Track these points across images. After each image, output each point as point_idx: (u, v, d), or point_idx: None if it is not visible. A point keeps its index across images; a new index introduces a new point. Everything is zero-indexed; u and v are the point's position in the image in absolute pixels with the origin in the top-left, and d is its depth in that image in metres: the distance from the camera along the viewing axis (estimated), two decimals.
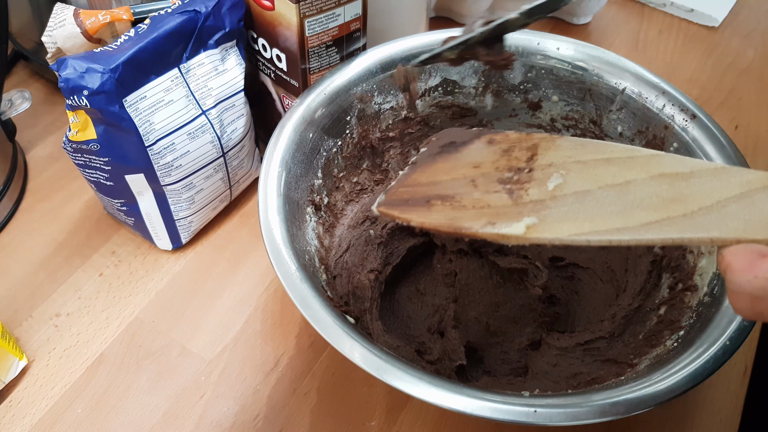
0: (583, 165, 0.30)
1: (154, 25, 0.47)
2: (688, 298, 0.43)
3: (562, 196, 0.30)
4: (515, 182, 0.31)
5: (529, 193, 0.31)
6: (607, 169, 0.30)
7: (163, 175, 0.49)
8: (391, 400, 0.47)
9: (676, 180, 0.28)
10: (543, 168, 0.31)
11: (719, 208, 0.27)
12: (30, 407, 0.46)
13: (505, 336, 0.47)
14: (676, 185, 0.28)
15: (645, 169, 0.29)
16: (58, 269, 0.54)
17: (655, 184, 0.28)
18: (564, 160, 0.31)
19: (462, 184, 0.33)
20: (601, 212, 0.29)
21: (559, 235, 0.29)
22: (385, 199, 0.35)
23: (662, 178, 0.29)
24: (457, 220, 0.31)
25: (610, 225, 0.28)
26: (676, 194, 0.28)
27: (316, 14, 0.48)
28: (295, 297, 0.38)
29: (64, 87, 0.43)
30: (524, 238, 0.30)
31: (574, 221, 0.29)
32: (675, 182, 0.28)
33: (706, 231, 0.27)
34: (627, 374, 0.39)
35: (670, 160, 0.29)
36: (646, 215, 0.28)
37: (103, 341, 0.50)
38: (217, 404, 0.47)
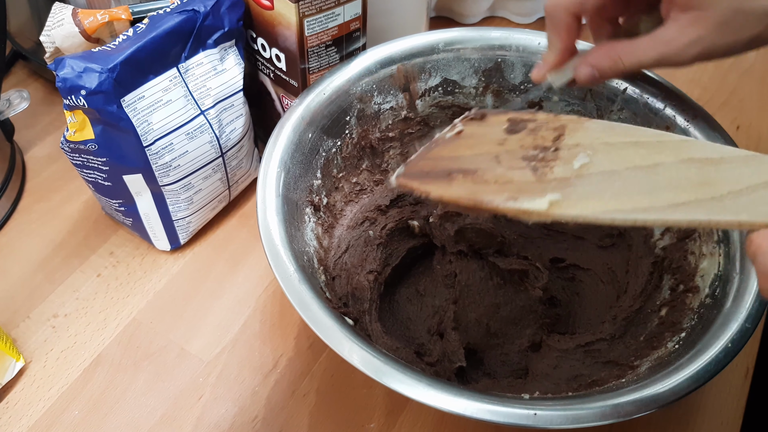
0: (610, 146, 0.30)
1: (153, 25, 0.47)
2: (690, 299, 0.42)
3: (588, 175, 0.29)
4: (540, 160, 0.31)
5: (553, 171, 0.30)
6: (635, 151, 0.29)
7: (162, 176, 0.49)
8: (391, 402, 0.47)
9: (705, 165, 0.28)
10: (569, 148, 0.31)
11: (748, 193, 0.27)
12: (27, 409, 0.46)
13: (506, 338, 0.46)
14: (705, 170, 0.28)
15: (674, 153, 0.29)
16: (56, 270, 0.54)
17: (684, 167, 0.28)
18: (591, 141, 0.30)
19: (485, 159, 0.32)
20: (628, 191, 0.28)
21: (583, 212, 0.28)
22: (404, 170, 0.34)
23: (691, 162, 0.28)
24: (479, 194, 0.30)
25: (637, 204, 0.28)
26: (705, 178, 0.28)
27: (315, 14, 0.48)
28: (294, 298, 0.38)
29: (62, 87, 0.43)
30: (546, 214, 0.29)
31: (599, 199, 0.29)
32: (704, 167, 0.28)
33: (735, 214, 0.26)
34: (628, 376, 0.38)
35: (701, 145, 0.29)
36: (673, 196, 0.28)
37: (101, 342, 0.50)
38: (216, 406, 0.47)
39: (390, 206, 0.53)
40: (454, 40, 0.54)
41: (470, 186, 0.31)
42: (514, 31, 0.54)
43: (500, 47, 0.53)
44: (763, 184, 0.27)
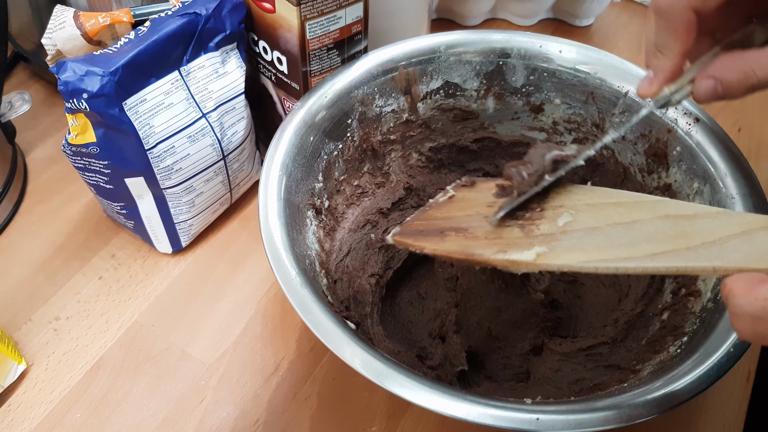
0: (592, 207, 0.32)
1: (155, 28, 0.47)
2: (692, 303, 0.42)
3: (572, 231, 0.32)
4: (527, 219, 0.33)
5: (540, 228, 0.32)
6: (614, 210, 0.31)
7: (163, 179, 0.49)
8: (392, 406, 0.47)
9: (680, 220, 0.30)
10: (554, 208, 0.32)
11: (721, 243, 0.29)
12: (29, 411, 0.46)
13: (507, 341, 0.46)
14: (680, 224, 0.30)
15: (651, 211, 0.31)
16: (58, 272, 0.54)
17: (660, 223, 0.30)
18: (574, 203, 0.32)
19: (476, 219, 0.34)
20: (609, 244, 0.31)
21: (569, 262, 0.31)
22: (400, 230, 0.37)
23: (667, 218, 0.30)
24: (470, 248, 0.33)
25: (617, 255, 0.30)
26: (680, 231, 0.30)
27: (317, 17, 0.48)
28: (296, 303, 0.38)
29: (64, 90, 0.43)
30: (534, 265, 0.31)
31: (582, 251, 0.31)
32: (679, 222, 0.30)
33: (709, 261, 0.29)
34: (630, 380, 0.38)
35: (675, 204, 0.31)
36: (651, 247, 0.30)
37: (103, 345, 0.50)
38: (217, 409, 0.47)
39: (391, 209, 0.53)
40: (455, 43, 0.54)
41: (462, 241, 0.34)
42: (516, 33, 0.54)
43: (502, 50, 0.53)
44: (735, 235, 0.29)
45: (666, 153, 0.48)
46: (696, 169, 0.46)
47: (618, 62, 0.51)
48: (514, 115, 0.55)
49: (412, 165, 0.56)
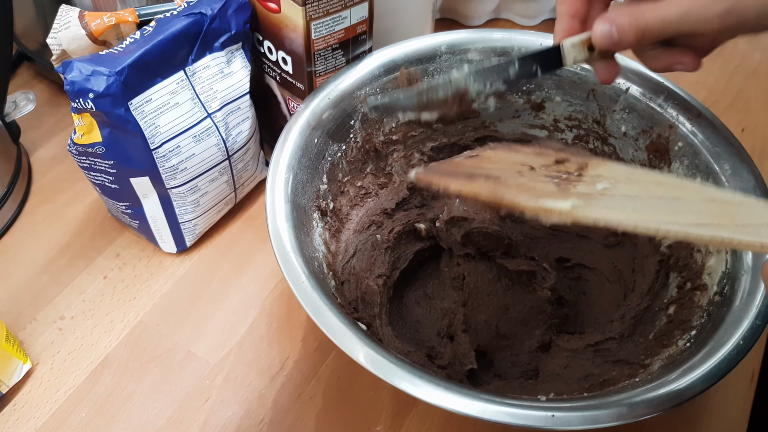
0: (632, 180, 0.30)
1: (160, 28, 0.47)
2: (698, 297, 0.42)
3: (611, 195, 0.30)
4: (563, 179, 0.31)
5: (576, 188, 0.30)
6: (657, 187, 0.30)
7: (168, 178, 0.49)
8: (397, 405, 0.47)
9: (726, 205, 0.29)
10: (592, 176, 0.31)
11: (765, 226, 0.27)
12: (34, 411, 0.46)
13: (515, 339, 0.46)
14: (726, 207, 0.29)
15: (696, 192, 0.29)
16: (62, 272, 0.54)
17: (706, 203, 0.29)
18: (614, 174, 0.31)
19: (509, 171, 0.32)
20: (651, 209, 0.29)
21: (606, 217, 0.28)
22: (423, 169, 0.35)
23: (713, 201, 0.29)
24: (500, 192, 0.31)
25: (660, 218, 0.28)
26: (726, 212, 0.28)
27: (322, 17, 0.48)
28: (308, 305, 0.38)
29: (70, 90, 0.43)
30: (568, 213, 0.29)
31: (621, 211, 0.29)
32: (725, 206, 0.29)
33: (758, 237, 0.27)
34: (641, 375, 0.39)
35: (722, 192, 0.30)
36: (696, 218, 0.28)
37: (108, 344, 0.50)
38: (222, 408, 0.47)
39: (396, 209, 0.53)
40: (456, 43, 0.54)
41: (491, 186, 0.31)
42: (516, 32, 0.54)
43: (502, 49, 0.54)
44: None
45: (668, 149, 0.49)
46: (698, 165, 0.46)
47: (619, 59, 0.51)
48: (515, 114, 0.56)
49: (415, 165, 0.56)
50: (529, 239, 0.53)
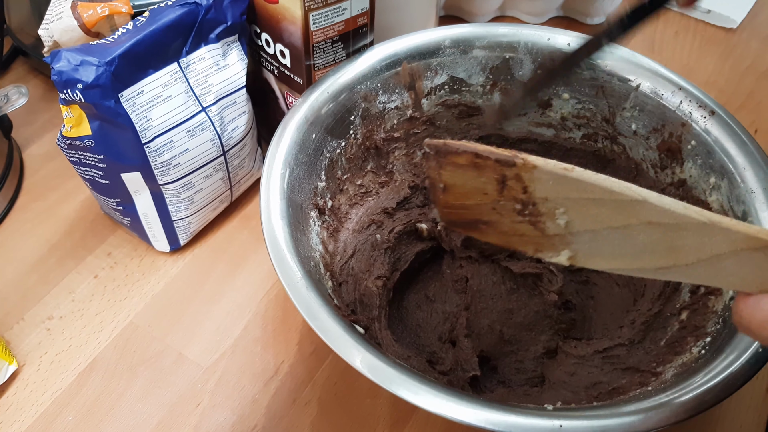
0: (575, 203, 0.31)
1: (153, 18, 0.45)
2: (712, 302, 0.41)
3: (577, 233, 0.32)
4: (529, 215, 0.33)
5: (547, 227, 0.32)
6: (599, 210, 0.30)
7: (161, 174, 0.48)
8: (396, 413, 0.45)
9: (667, 230, 0.29)
10: (543, 202, 0.32)
11: (716, 262, 0.28)
12: (19, 414, 0.45)
13: (520, 344, 0.45)
14: (669, 235, 0.29)
15: (634, 214, 0.29)
16: (52, 271, 0.53)
17: (650, 231, 0.29)
18: (555, 195, 0.32)
19: (488, 211, 0.34)
20: (618, 252, 0.31)
21: (596, 267, 0.32)
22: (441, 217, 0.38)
23: (653, 226, 0.29)
24: (511, 243, 0.34)
25: (631, 265, 0.31)
26: (672, 245, 0.29)
27: (321, 7, 0.47)
28: (301, 306, 0.36)
29: (57, 80, 0.42)
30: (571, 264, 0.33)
31: (602, 257, 0.31)
32: (667, 232, 0.29)
33: (711, 281, 0.29)
34: (653, 384, 0.37)
35: (652, 209, 0.29)
36: (656, 260, 0.30)
37: (97, 346, 0.48)
38: (214, 414, 0.45)
39: (397, 209, 0.52)
40: (460, 37, 0.52)
41: (499, 236, 0.35)
42: (523, 27, 0.53)
43: (508, 44, 0.52)
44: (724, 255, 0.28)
45: (680, 148, 0.47)
46: (712, 164, 0.45)
47: (628, 55, 0.50)
48: (521, 111, 0.54)
49: (417, 163, 0.55)
50: None
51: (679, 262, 0.29)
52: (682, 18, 0.80)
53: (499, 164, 0.32)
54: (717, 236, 0.28)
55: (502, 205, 0.33)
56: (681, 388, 0.33)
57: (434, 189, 0.37)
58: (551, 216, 0.32)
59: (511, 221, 0.33)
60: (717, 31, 0.78)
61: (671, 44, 0.76)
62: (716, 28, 0.79)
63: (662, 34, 0.78)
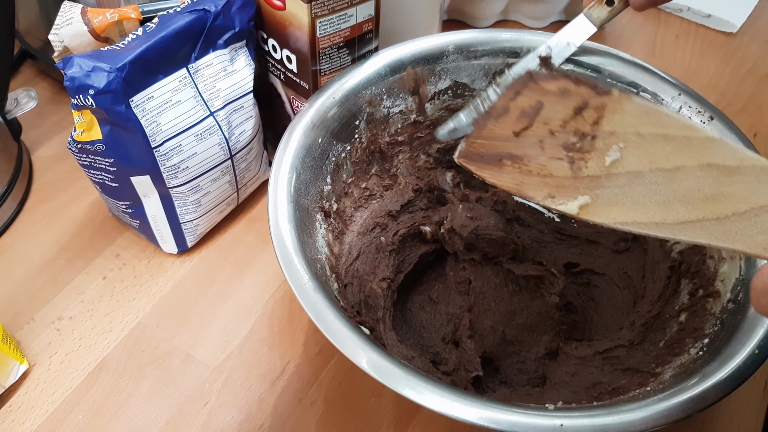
0: (642, 138, 0.32)
1: (163, 24, 0.46)
2: (710, 304, 0.41)
3: (616, 175, 0.32)
4: (578, 150, 0.33)
5: (588, 166, 0.33)
6: (662, 148, 0.31)
7: (170, 177, 0.48)
8: (400, 412, 0.46)
9: (721, 174, 0.29)
10: (605, 137, 0.33)
11: (751, 217, 0.28)
12: (30, 412, 0.45)
13: (522, 345, 0.46)
14: (719, 180, 0.29)
15: (697, 154, 0.30)
16: (61, 272, 0.54)
17: (702, 174, 0.30)
18: (625, 130, 0.32)
19: (531, 143, 0.35)
20: (646, 200, 0.31)
21: (606, 221, 0.32)
22: (465, 149, 0.37)
23: (710, 168, 0.30)
24: (524, 186, 0.34)
25: (651, 218, 0.31)
26: (717, 191, 0.29)
27: (328, 14, 0.47)
28: (309, 308, 0.37)
29: (70, 86, 0.43)
30: (575, 217, 0.32)
31: (621, 207, 0.31)
32: (720, 176, 0.29)
33: (732, 242, 0.28)
34: (651, 384, 0.38)
35: (723, 148, 0.30)
36: (684, 212, 0.30)
37: (106, 346, 0.49)
38: (221, 413, 0.46)
39: (401, 212, 0.52)
40: (464, 42, 0.53)
41: (517, 176, 0.35)
42: (525, 32, 0.54)
43: (511, 49, 0.53)
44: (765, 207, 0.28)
45: None
46: None
47: (629, 60, 0.51)
48: None
49: (420, 167, 0.55)
50: (537, 244, 0.52)
51: (710, 216, 0.29)
52: (682, 22, 0.81)
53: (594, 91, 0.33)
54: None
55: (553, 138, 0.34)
56: (679, 389, 0.34)
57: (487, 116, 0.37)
58: (604, 151, 0.33)
59: (549, 157, 0.34)
60: (717, 36, 0.79)
61: (672, 48, 0.77)
62: (716, 33, 0.79)
63: (663, 38, 0.78)
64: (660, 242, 0.48)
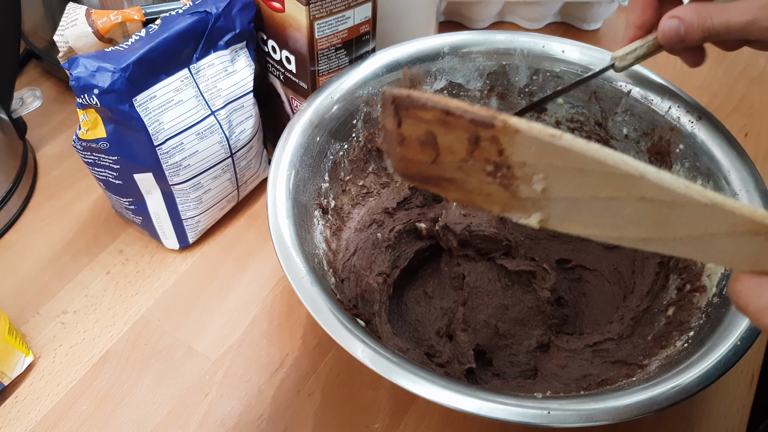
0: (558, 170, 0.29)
1: (165, 26, 0.47)
2: (697, 299, 0.42)
3: (555, 199, 0.29)
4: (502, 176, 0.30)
5: (521, 190, 0.30)
6: (584, 180, 0.28)
7: (172, 175, 0.50)
8: (396, 403, 0.47)
9: (660, 206, 0.27)
10: (519, 166, 0.29)
11: (708, 240, 0.27)
12: (35, 403, 0.47)
13: (514, 338, 0.47)
14: (661, 211, 0.27)
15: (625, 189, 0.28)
16: (66, 267, 0.55)
17: (641, 205, 0.28)
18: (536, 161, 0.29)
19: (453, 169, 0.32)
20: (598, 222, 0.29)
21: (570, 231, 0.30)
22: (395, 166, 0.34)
23: (645, 201, 0.27)
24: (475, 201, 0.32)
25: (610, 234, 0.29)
26: (663, 219, 0.27)
27: (326, 16, 0.49)
28: (306, 301, 0.38)
29: (75, 85, 0.44)
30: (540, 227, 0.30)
31: (577, 223, 0.29)
32: (660, 208, 0.27)
33: (696, 256, 0.28)
34: (638, 375, 0.39)
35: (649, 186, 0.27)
36: (639, 232, 0.28)
37: (109, 339, 0.50)
38: (222, 404, 0.47)
39: (397, 209, 0.53)
40: (459, 44, 0.54)
41: (461, 194, 0.32)
42: (519, 34, 0.55)
43: (505, 51, 0.54)
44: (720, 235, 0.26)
45: (669, 151, 0.49)
46: (699, 167, 0.46)
47: None
48: None
49: None
50: (529, 240, 0.54)
51: (666, 236, 0.28)
52: None
53: (473, 125, 0.29)
54: (717, 217, 0.26)
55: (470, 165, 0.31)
56: (664, 379, 0.35)
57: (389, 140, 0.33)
58: (527, 181, 0.29)
59: (479, 181, 0.31)
60: None
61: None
62: None
63: None
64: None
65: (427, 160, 0.32)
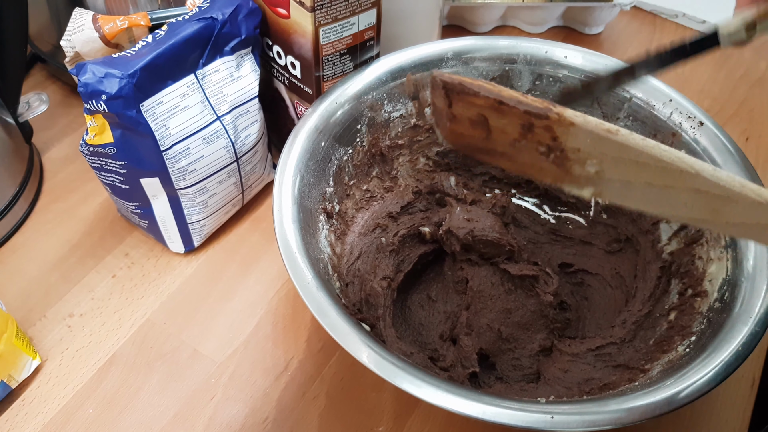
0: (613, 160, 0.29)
1: (172, 32, 0.47)
2: (698, 303, 0.43)
3: (609, 180, 0.30)
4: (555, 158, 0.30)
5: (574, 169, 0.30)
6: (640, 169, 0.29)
7: (178, 179, 0.50)
8: (399, 406, 0.47)
9: (713, 198, 0.28)
10: (573, 151, 0.30)
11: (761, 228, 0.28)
12: (42, 406, 0.47)
13: (517, 342, 0.47)
14: (713, 202, 0.28)
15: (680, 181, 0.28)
16: (72, 270, 0.55)
17: (693, 195, 0.28)
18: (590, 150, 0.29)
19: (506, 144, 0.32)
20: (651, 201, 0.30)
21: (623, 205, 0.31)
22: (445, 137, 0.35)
23: (699, 193, 0.28)
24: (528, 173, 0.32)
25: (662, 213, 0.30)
26: (716, 208, 0.28)
27: (331, 23, 0.49)
28: (312, 305, 0.38)
29: (83, 91, 0.44)
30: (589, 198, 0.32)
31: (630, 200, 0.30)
32: (712, 200, 0.28)
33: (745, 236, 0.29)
34: (640, 380, 0.39)
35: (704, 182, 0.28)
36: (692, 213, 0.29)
37: (116, 342, 0.51)
38: (227, 406, 0.47)
39: (401, 213, 0.54)
40: (462, 50, 0.54)
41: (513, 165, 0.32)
42: (522, 39, 0.55)
43: (508, 56, 0.54)
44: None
45: None
46: None
47: None
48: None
49: (420, 169, 0.57)
50: (532, 244, 0.54)
51: (719, 221, 0.29)
52: (677, 28, 0.82)
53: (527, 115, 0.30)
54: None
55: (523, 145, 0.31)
56: (665, 384, 0.35)
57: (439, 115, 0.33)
58: (580, 163, 0.30)
59: (531, 158, 0.31)
60: None
61: None
62: None
63: (658, 43, 0.80)
64: (651, 243, 0.50)
65: (478, 136, 0.33)
